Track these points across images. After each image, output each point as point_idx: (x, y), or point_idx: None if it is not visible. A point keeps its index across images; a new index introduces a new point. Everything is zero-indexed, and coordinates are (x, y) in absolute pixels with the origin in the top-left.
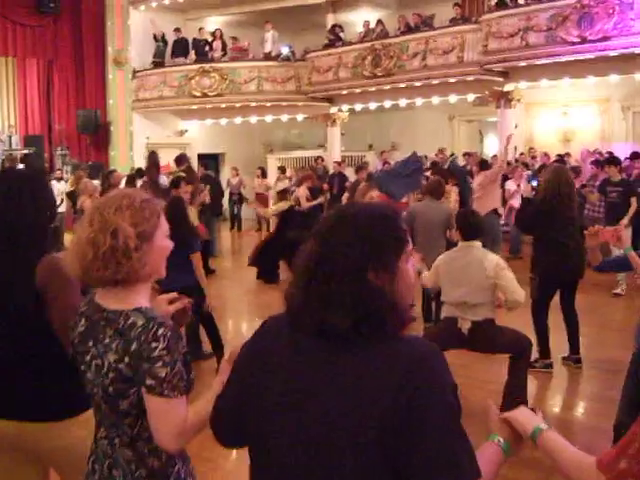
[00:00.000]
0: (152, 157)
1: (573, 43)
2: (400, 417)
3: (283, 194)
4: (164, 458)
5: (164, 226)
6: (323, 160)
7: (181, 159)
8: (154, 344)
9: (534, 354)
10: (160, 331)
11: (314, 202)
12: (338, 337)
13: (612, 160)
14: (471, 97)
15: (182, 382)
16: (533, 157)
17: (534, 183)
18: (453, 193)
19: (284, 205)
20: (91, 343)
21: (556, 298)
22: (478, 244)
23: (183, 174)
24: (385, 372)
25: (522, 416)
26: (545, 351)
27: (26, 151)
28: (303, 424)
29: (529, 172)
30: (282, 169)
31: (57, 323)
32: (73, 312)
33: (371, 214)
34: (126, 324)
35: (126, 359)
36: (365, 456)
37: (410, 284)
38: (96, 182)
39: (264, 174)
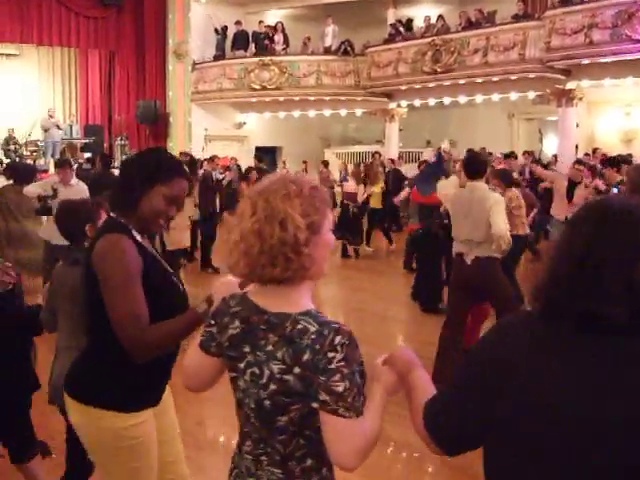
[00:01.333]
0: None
1: (639, 41)
2: None
3: None
4: (315, 479)
5: (331, 217)
6: (381, 155)
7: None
8: (331, 354)
9: None
10: (337, 339)
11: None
12: (607, 331)
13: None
14: (532, 95)
15: (359, 397)
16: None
17: (615, 190)
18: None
19: None
20: (247, 349)
21: None
22: (483, 185)
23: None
24: None
25: None
26: None
27: (86, 140)
28: (569, 424)
29: None
30: (325, 163)
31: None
32: None
33: None
34: (295, 330)
35: (296, 370)
36: None
37: None
38: None
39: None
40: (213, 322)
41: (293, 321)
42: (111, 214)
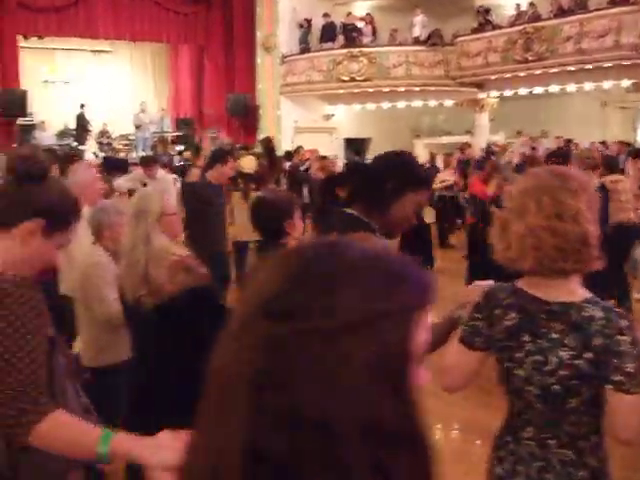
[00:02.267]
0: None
1: None
2: None
3: None
4: (601, 455)
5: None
6: (470, 146)
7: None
8: (620, 337)
9: None
10: (623, 323)
11: (446, 183)
12: None
13: None
14: (626, 83)
15: None
16: None
17: None
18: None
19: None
20: (527, 338)
21: None
22: None
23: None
24: None
25: None
26: None
27: (178, 133)
28: None
29: None
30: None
31: None
32: None
33: None
34: (580, 317)
35: (587, 354)
36: None
37: None
38: None
39: None
40: (479, 316)
41: (578, 309)
42: (348, 210)
